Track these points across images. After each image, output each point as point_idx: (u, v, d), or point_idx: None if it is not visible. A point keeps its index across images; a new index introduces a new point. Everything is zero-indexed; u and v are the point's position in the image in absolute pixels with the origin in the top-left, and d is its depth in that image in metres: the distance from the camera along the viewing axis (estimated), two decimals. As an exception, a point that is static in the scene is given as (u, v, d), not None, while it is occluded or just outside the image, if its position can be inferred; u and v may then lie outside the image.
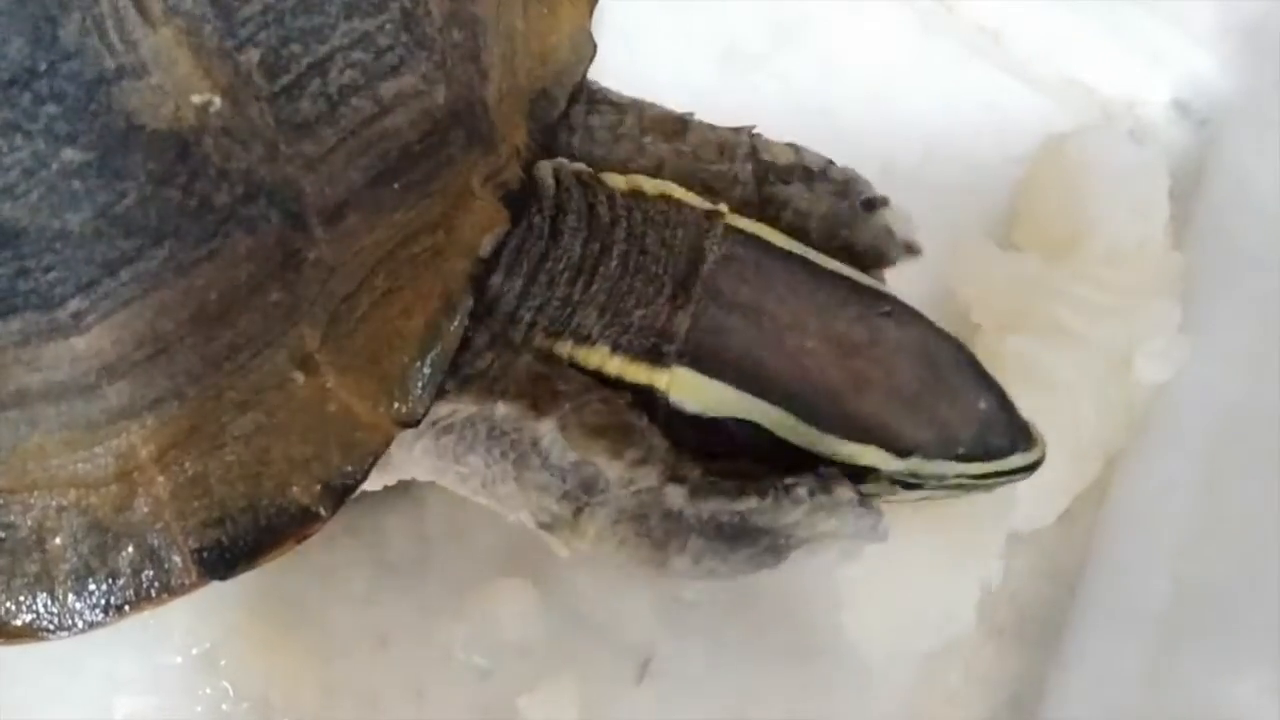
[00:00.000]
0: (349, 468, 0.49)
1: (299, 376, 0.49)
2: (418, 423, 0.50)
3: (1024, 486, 0.63)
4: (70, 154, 0.45)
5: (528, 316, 0.54)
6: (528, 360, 0.54)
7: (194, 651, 0.60)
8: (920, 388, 0.54)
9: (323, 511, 0.49)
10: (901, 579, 0.59)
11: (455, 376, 0.52)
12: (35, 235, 0.45)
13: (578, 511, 0.53)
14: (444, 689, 0.61)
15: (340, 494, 0.49)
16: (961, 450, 0.54)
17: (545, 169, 0.55)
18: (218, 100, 0.46)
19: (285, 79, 0.48)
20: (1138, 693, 0.60)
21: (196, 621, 0.60)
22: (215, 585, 0.49)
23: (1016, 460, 0.55)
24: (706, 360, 0.53)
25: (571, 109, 0.57)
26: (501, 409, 0.53)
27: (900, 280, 0.65)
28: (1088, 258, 0.67)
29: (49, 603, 0.48)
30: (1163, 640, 0.61)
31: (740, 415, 0.53)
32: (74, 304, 0.46)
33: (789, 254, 0.55)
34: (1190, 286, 0.67)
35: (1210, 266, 0.68)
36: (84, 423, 0.47)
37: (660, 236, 0.55)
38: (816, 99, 0.71)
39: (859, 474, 0.54)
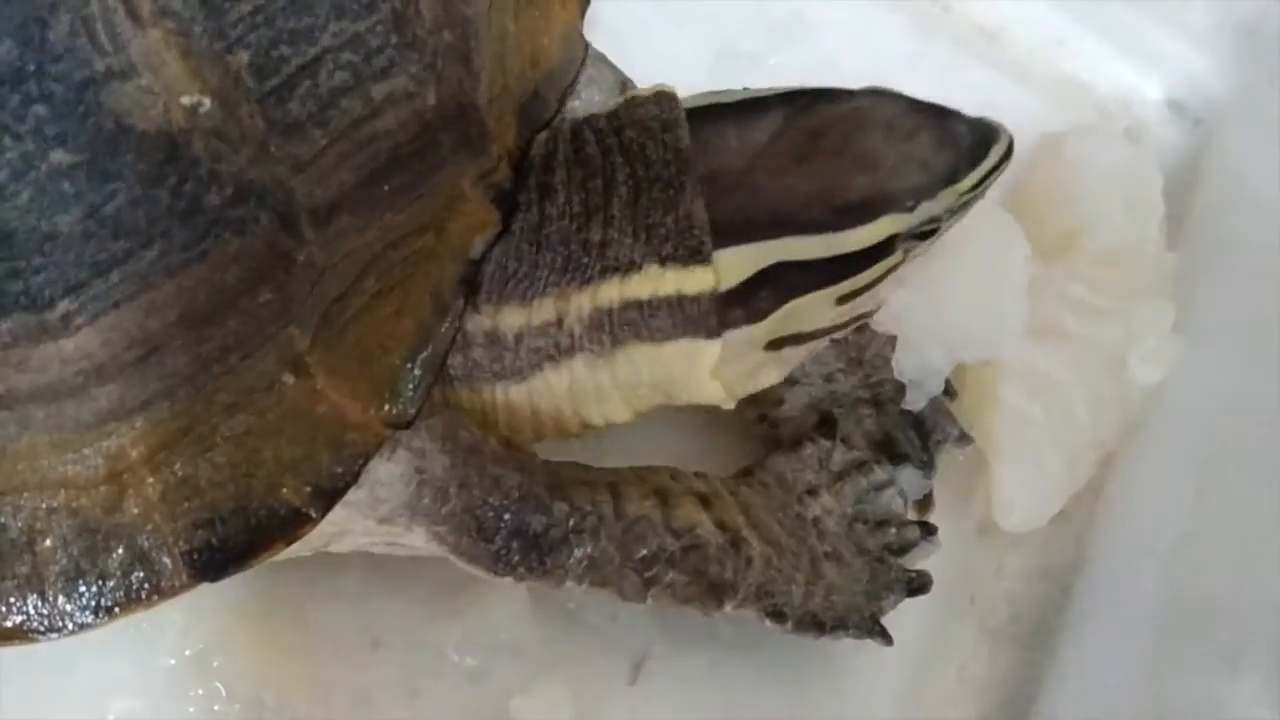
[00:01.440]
0: (339, 469, 0.49)
1: (289, 378, 0.49)
2: (408, 424, 0.50)
3: (1019, 487, 0.64)
4: (59, 155, 0.45)
5: (553, 276, 0.54)
6: (612, 553, 0.55)
7: (187, 653, 0.60)
8: (884, 145, 0.54)
9: (313, 513, 0.49)
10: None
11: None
12: (24, 237, 0.45)
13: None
14: (436, 690, 0.61)
15: (330, 495, 0.49)
16: (952, 173, 0.54)
17: (537, 144, 0.56)
18: (207, 102, 0.46)
19: (275, 80, 0.48)
20: (1132, 693, 0.60)
21: (190, 622, 0.60)
22: (208, 586, 0.49)
23: (996, 153, 0.55)
24: (724, 235, 0.54)
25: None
26: (579, 591, 0.56)
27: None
28: (1082, 257, 0.67)
29: (39, 604, 0.47)
30: (1157, 641, 0.61)
31: (772, 261, 0.53)
32: (63, 305, 0.46)
33: (711, 108, 0.56)
34: (1185, 286, 0.67)
35: (1205, 266, 0.68)
36: (73, 424, 0.47)
37: (644, 140, 0.55)
38: (810, 99, 0.71)
39: (887, 246, 0.54)
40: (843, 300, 0.55)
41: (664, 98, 0.55)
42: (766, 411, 0.64)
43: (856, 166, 0.54)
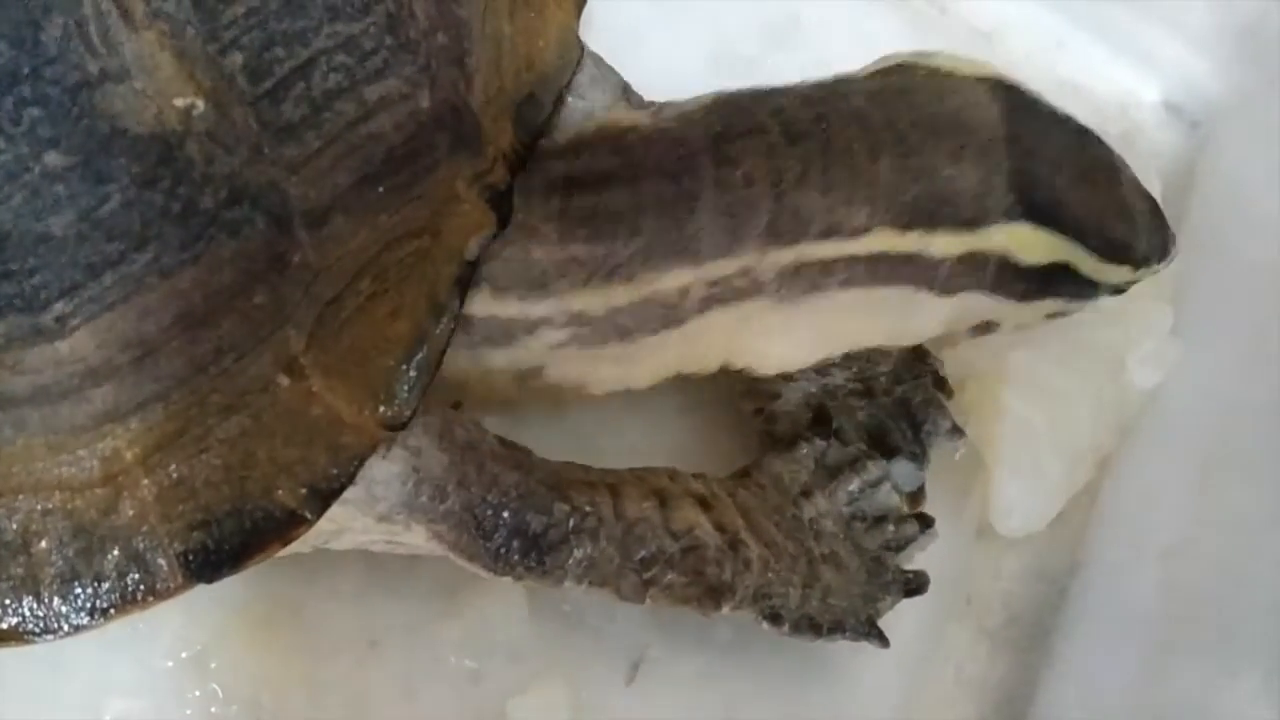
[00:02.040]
0: (334, 470, 0.49)
1: (284, 380, 0.49)
2: (403, 425, 0.50)
3: (1018, 492, 0.64)
4: (53, 158, 0.45)
5: (731, 240, 0.55)
6: (612, 553, 0.55)
7: (184, 654, 0.60)
8: (1131, 202, 0.58)
9: (308, 514, 0.49)
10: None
11: None
12: (18, 239, 0.45)
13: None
14: (434, 691, 0.61)
15: (326, 497, 0.49)
16: (1158, 255, 0.58)
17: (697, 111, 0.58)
18: (201, 104, 0.46)
19: (269, 82, 0.48)
20: (1129, 695, 0.60)
21: (187, 623, 0.60)
22: (204, 587, 0.49)
23: (1171, 254, 0.59)
24: (1037, 212, 0.55)
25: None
26: (577, 591, 0.56)
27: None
28: (1080, 259, 0.67)
29: (34, 606, 0.48)
30: (1154, 643, 0.61)
31: (1061, 259, 0.56)
32: (58, 307, 0.46)
33: (1039, 102, 0.58)
34: (1182, 289, 0.67)
35: (1202, 269, 0.68)
36: (69, 426, 0.47)
37: (912, 106, 0.56)
38: (808, 101, 0.71)
39: (1091, 291, 0.58)
40: (1051, 316, 0.59)
41: (988, 77, 0.57)
42: (763, 406, 0.64)
43: (1118, 210, 0.57)
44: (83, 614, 0.48)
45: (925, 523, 0.61)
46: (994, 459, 0.64)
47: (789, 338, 0.57)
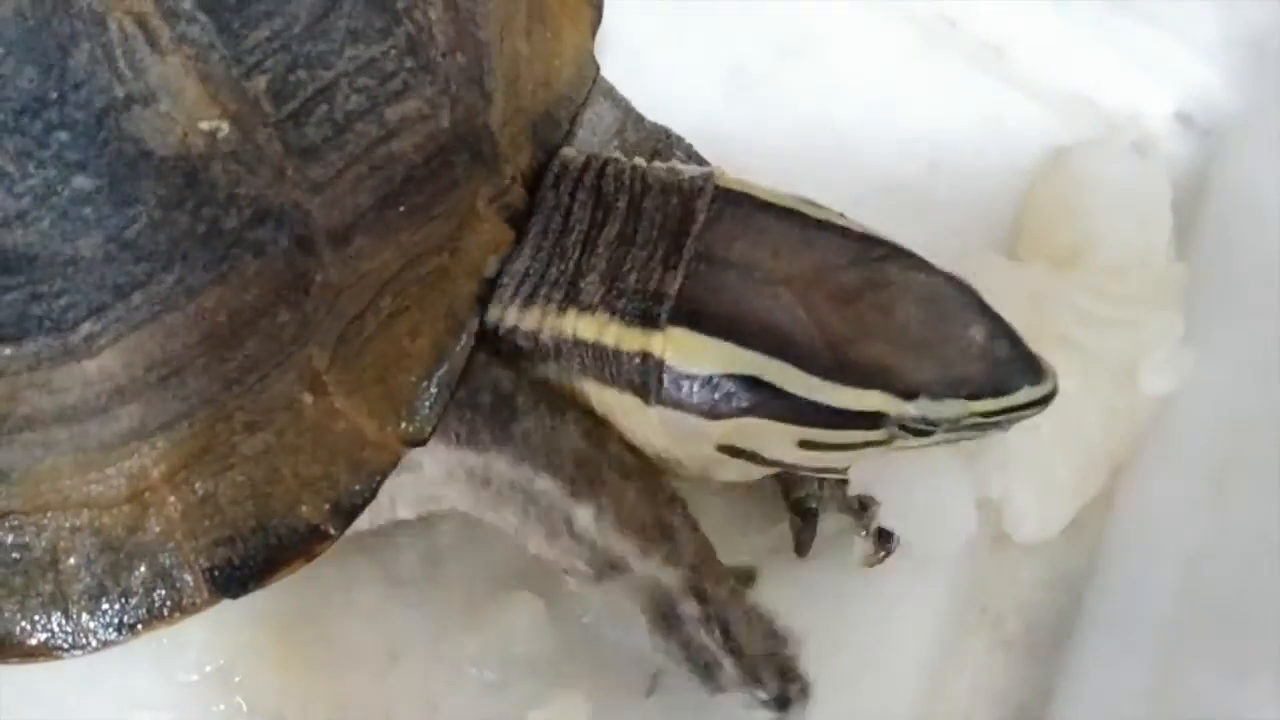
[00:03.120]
0: (357, 486, 0.50)
1: (307, 397, 0.49)
2: (424, 441, 0.51)
3: (1030, 499, 0.64)
4: (81, 181, 0.46)
5: (543, 291, 0.54)
6: (575, 438, 0.55)
7: (208, 668, 0.60)
8: (922, 329, 0.52)
9: (332, 530, 0.49)
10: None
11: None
12: (47, 261, 0.46)
13: (600, 576, 0.55)
14: (455, 703, 0.61)
15: (349, 513, 0.50)
16: (969, 388, 0.53)
17: (571, 152, 0.56)
18: (226, 126, 0.47)
19: (292, 105, 0.48)
20: (1144, 703, 0.60)
21: (211, 638, 0.60)
22: (229, 602, 0.49)
23: (1026, 394, 0.53)
24: (701, 318, 0.53)
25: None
26: (541, 484, 0.54)
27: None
28: (1092, 269, 0.67)
29: (63, 622, 0.48)
30: (1169, 650, 0.61)
31: (741, 371, 0.52)
32: (86, 328, 0.46)
33: (782, 209, 0.55)
34: (1194, 298, 0.67)
35: (1214, 277, 0.68)
36: (96, 444, 0.48)
37: (657, 202, 0.55)
38: (820, 116, 0.71)
39: (871, 421, 0.53)
40: (805, 445, 0.54)
41: (706, 177, 0.55)
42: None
43: (885, 332, 0.52)
44: (110, 630, 0.48)
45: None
46: (1005, 465, 0.64)
47: (641, 422, 0.56)
